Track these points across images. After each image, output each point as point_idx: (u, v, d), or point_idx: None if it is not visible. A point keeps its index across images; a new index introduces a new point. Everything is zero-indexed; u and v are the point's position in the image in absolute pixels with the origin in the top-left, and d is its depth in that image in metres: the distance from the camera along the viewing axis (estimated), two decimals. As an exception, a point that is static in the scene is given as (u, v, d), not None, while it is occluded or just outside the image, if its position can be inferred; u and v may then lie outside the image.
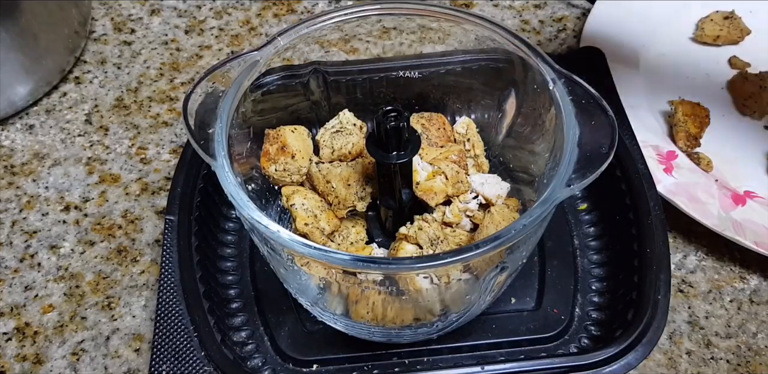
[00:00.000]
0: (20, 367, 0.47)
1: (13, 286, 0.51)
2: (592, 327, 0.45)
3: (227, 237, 0.49)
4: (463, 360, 0.44)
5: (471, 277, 0.36)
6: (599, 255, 0.48)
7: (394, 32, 0.43)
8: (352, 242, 0.41)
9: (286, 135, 0.40)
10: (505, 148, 0.45)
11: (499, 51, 0.39)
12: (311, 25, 0.39)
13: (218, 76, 0.36)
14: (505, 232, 0.31)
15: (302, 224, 0.39)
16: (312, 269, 0.36)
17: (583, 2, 0.68)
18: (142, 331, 0.48)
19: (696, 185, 0.51)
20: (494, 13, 0.68)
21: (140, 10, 0.68)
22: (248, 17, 0.67)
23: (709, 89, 0.60)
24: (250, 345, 0.44)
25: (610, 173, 0.47)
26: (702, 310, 0.49)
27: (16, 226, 0.54)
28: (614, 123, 0.34)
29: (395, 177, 0.38)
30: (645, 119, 0.56)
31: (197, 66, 0.63)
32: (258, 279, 0.47)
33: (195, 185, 0.47)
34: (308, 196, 0.40)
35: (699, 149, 0.55)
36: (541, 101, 0.38)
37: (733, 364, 0.47)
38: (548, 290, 0.46)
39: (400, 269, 0.31)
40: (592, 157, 0.33)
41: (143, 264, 0.51)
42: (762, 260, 0.51)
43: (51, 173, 0.56)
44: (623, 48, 0.60)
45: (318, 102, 0.46)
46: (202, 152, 0.34)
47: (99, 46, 0.65)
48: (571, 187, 0.32)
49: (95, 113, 0.60)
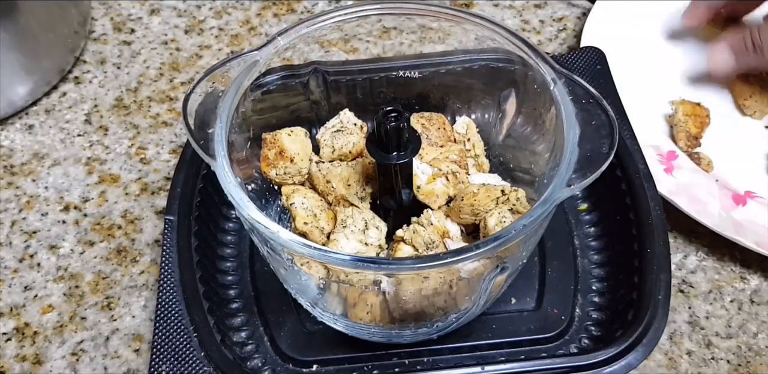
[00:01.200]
0: (20, 367, 0.47)
1: (13, 286, 0.51)
2: (592, 327, 0.45)
3: (227, 237, 0.49)
4: (463, 360, 0.43)
5: (471, 277, 0.36)
6: (599, 255, 0.48)
7: (394, 32, 0.43)
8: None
9: (283, 139, 0.40)
10: (505, 148, 0.45)
11: (499, 51, 0.39)
12: (311, 24, 0.39)
13: (218, 76, 0.36)
14: (505, 232, 0.31)
15: (302, 223, 0.39)
16: (312, 269, 0.35)
17: (583, 2, 0.68)
18: (141, 331, 0.48)
19: (696, 185, 0.51)
20: (494, 12, 0.68)
21: (140, 10, 0.68)
22: (248, 17, 0.67)
23: (709, 89, 0.60)
24: (250, 346, 0.44)
25: (610, 173, 0.47)
26: (702, 310, 0.49)
27: (16, 226, 0.53)
28: (614, 123, 0.34)
29: (395, 177, 0.38)
30: (645, 119, 0.56)
31: (197, 66, 0.63)
32: (258, 279, 0.47)
33: (195, 185, 0.47)
34: (308, 195, 0.40)
35: (699, 149, 0.55)
36: (541, 101, 0.38)
37: (734, 364, 0.47)
38: (548, 290, 0.46)
39: (401, 269, 0.31)
40: (593, 157, 0.33)
41: (143, 264, 0.51)
42: (763, 261, 0.51)
43: (50, 173, 0.56)
44: (623, 48, 0.59)
45: (318, 102, 0.46)
46: (202, 152, 0.34)
47: (99, 46, 0.65)
48: (572, 187, 0.32)
49: (95, 113, 0.60)
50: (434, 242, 0.38)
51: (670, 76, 0.61)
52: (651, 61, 0.61)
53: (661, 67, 0.61)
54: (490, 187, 0.39)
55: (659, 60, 0.61)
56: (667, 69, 0.61)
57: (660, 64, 0.61)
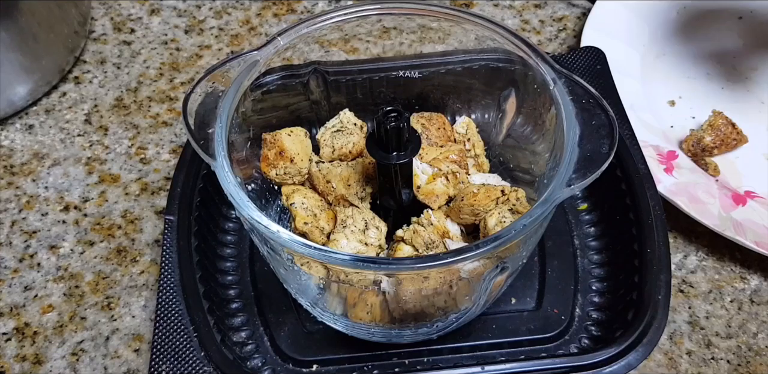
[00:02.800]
0: (20, 367, 0.47)
1: (13, 286, 0.51)
2: (592, 327, 0.45)
3: (227, 237, 0.49)
4: (463, 360, 0.43)
5: (471, 277, 0.36)
6: (599, 255, 0.48)
7: (394, 32, 0.43)
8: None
9: (283, 140, 0.40)
10: (505, 148, 0.45)
11: (499, 51, 0.39)
12: (311, 24, 0.39)
13: (218, 76, 0.36)
14: (505, 232, 0.31)
15: (302, 223, 0.39)
16: (312, 269, 0.35)
17: (583, 2, 0.68)
18: (141, 331, 0.48)
19: (696, 185, 0.51)
20: (494, 12, 0.68)
21: (140, 10, 0.68)
22: (248, 17, 0.67)
23: (709, 89, 0.60)
24: (250, 345, 0.44)
25: (610, 173, 0.47)
26: (702, 310, 0.49)
27: (16, 226, 0.53)
28: (614, 123, 0.34)
29: (395, 177, 0.37)
30: (645, 119, 0.56)
31: (197, 66, 0.63)
32: (258, 279, 0.47)
33: (195, 185, 0.47)
34: (308, 195, 0.40)
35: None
36: (541, 101, 0.38)
37: (734, 364, 0.47)
38: (548, 290, 0.46)
39: (400, 269, 0.31)
40: (593, 157, 0.33)
41: (143, 264, 0.51)
42: (762, 261, 0.51)
43: (50, 173, 0.56)
44: (623, 48, 0.59)
45: (318, 102, 0.46)
46: (202, 151, 0.34)
47: (98, 46, 0.65)
48: (572, 187, 0.32)
49: (95, 113, 0.60)
50: (434, 242, 0.38)
51: (670, 76, 0.61)
52: (651, 61, 0.61)
53: (661, 67, 0.61)
54: (490, 187, 0.39)
55: (659, 60, 0.61)
56: (667, 69, 0.61)
57: (660, 64, 0.61)
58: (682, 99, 0.59)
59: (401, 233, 0.39)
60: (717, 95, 0.60)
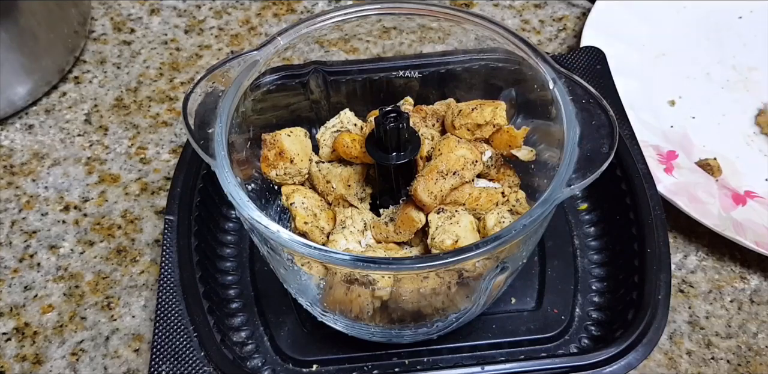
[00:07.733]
0: (20, 367, 0.47)
1: (13, 286, 0.51)
2: (592, 327, 0.45)
3: (227, 237, 0.49)
4: (463, 360, 0.43)
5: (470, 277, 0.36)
6: (599, 255, 0.48)
7: (394, 32, 0.43)
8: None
9: (283, 140, 0.40)
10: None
11: (499, 51, 0.39)
12: (311, 24, 0.39)
13: (218, 75, 0.36)
14: (505, 232, 0.31)
15: (302, 223, 0.39)
16: (312, 269, 0.35)
17: (583, 2, 0.68)
18: (141, 331, 0.48)
19: (696, 185, 0.51)
20: (494, 12, 0.68)
21: (140, 10, 0.68)
22: (248, 17, 0.67)
23: (709, 89, 0.60)
24: (250, 345, 0.44)
25: (610, 173, 0.47)
26: (702, 310, 0.49)
27: (16, 226, 0.53)
28: (614, 123, 0.34)
29: (395, 178, 0.37)
30: (645, 119, 0.56)
31: (197, 66, 0.63)
32: (258, 279, 0.47)
33: (194, 185, 0.47)
34: (308, 195, 0.40)
35: (707, 155, 0.55)
36: (541, 101, 0.38)
37: (734, 364, 0.47)
38: (548, 290, 0.46)
39: (400, 269, 0.31)
40: (593, 157, 0.33)
41: (143, 264, 0.51)
42: (762, 260, 0.51)
43: (50, 173, 0.56)
44: (623, 48, 0.59)
45: (318, 102, 0.46)
46: (202, 151, 0.34)
47: (98, 46, 0.65)
48: (572, 187, 0.32)
49: (95, 113, 0.60)
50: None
51: (670, 76, 0.61)
52: (651, 61, 0.61)
53: (661, 67, 0.61)
54: (491, 191, 0.39)
55: (659, 60, 0.61)
56: (667, 69, 0.61)
57: (660, 64, 0.61)
58: (682, 99, 0.59)
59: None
60: (717, 94, 0.60)
